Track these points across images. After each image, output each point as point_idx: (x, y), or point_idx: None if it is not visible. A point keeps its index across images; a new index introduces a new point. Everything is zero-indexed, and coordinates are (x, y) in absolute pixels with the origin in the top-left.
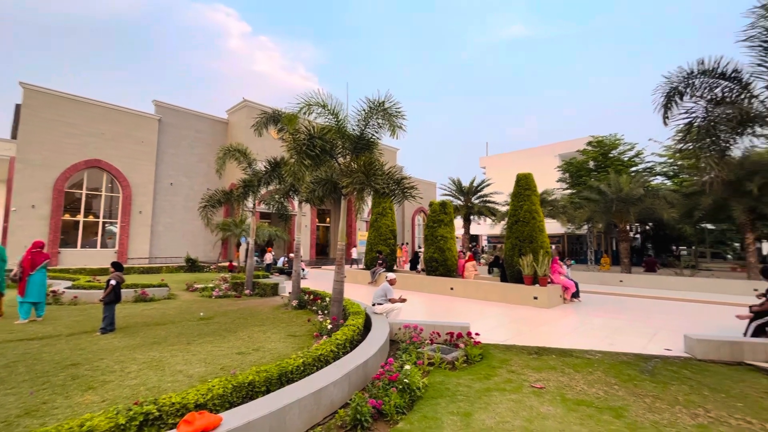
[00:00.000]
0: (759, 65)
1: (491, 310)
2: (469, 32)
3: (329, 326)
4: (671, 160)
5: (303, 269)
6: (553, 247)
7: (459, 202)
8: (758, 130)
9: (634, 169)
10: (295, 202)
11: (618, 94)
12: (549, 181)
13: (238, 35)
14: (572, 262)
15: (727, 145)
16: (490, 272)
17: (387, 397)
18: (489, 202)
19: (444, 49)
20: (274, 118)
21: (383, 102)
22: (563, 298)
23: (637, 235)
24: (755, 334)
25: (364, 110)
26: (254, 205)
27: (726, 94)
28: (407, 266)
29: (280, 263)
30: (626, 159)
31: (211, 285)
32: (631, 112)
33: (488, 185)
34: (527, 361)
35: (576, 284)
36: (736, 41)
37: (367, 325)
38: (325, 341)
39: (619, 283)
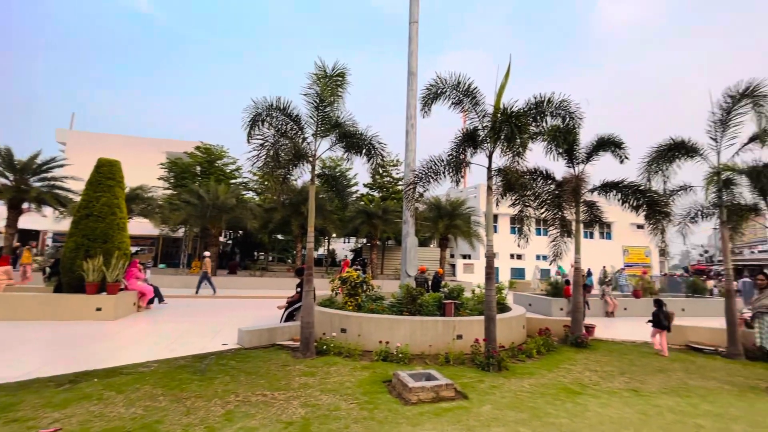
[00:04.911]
0: (310, 117)
1: (25, 335)
2: None
3: None
4: (261, 179)
5: None
6: (134, 249)
7: (6, 181)
8: (307, 166)
9: (234, 181)
10: None
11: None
12: (151, 176)
13: None
14: (163, 265)
15: (288, 172)
16: (48, 280)
17: None
18: (60, 188)
19: None
20: None
21: None
22: (138, 305)
23: (230, 241)
24: (287, 320)
25: None
26: None
27: (290, 131)
28: None
29: None
30: (228, 171)
31: None
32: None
33: (62, 165)
34: (51, 397)
35: (156, 289)
36: (300, 93)
37: None
38: None
39: (204, 285)
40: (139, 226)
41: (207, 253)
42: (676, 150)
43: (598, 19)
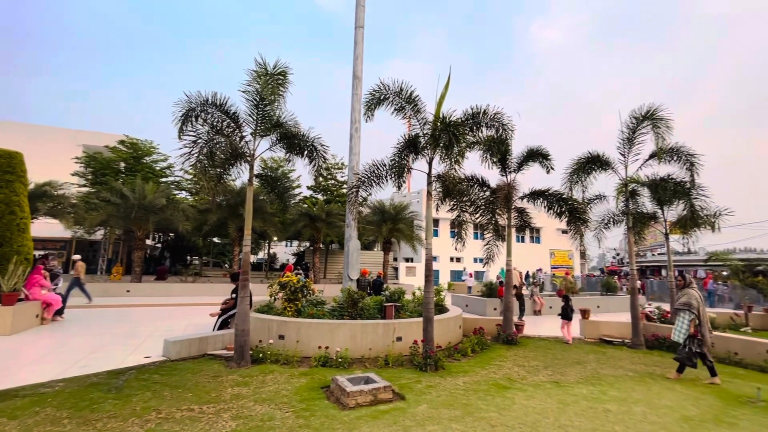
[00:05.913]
0: (249, 115)
1: None
2: None
3: None
4: (195, 179)
5: None
6: (39, 253)
7: None
8: (245, 167)
9: (164, 180)
10: None
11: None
12: (62, 171)
13: None
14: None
15: (224, 172)
16: None
17: None
18: None
19: None
20: None
21: None
22: (42, 317)
23: (159, 244)
24: (221, 327)
25: None
26: None
27: (226, 129)
28: None
29: None
30: (158, 168)
31: None
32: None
33: None
34: None
35: (64, 298)
36: (239, 90)
37: None
38: None
39: (127, 293)
40: (46, 227)
41: (77, 257)
42: (593, 163)
43: (529, 41)
